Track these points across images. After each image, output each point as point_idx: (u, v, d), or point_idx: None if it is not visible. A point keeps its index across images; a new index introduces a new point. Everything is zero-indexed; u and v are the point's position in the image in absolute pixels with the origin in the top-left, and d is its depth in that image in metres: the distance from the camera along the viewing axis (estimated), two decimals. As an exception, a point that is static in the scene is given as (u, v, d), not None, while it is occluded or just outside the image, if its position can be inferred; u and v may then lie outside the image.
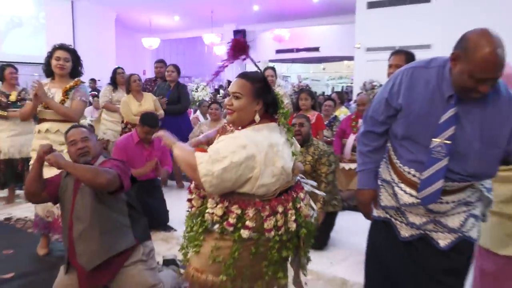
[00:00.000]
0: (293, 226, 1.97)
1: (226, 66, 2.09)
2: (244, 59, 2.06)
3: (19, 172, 4.99)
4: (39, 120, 3.53)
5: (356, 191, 2.19)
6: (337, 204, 3.84)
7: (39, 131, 3.48)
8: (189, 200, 2.13)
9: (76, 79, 3.59)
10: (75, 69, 3.58)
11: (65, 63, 3.46)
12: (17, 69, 5.24)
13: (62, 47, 3.49)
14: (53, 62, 3.43)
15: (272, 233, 1.92)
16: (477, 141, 1.73)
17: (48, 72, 3.53)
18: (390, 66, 3.10)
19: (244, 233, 1.89)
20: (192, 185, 2.12)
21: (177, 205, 4.95)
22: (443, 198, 1.85)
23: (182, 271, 3.23)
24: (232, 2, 12.48)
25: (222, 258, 1.94)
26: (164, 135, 2.07)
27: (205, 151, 1.88)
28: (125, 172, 2.59)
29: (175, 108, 5.79)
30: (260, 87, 1.98)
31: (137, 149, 4.19)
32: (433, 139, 1.77)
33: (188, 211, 2.21)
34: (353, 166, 4.99)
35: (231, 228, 1.91)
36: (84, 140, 2.65)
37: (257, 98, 1.97)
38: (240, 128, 2.01)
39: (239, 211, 1.91)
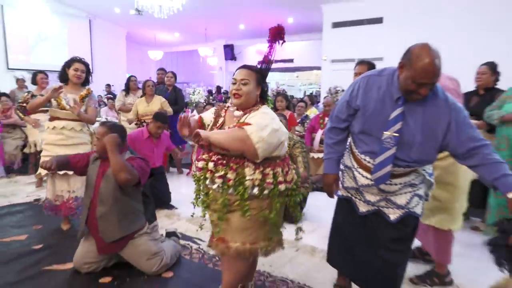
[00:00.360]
0: (295, 177, 2.05)
1: (271, 50, 2.12)
2: (282, 43, 2.08)
3: None
4: (52, 118, 3.43)
5: (322, 175, 2.21)
6: (308, 186, 3.87)
7: (54, 128, 3.40)
8: (221, 177, 1.92)
9: (87, 88, 3.55)
10: (86, 78, 3.55)
11: (82, 74, 3.45)
12: (48, 75, 5.14)
13: (80, 60, 3.47)
14: (71, 71, 3.40)
15: (292, 183, 2.01)
16: (419, 134, 1.78)
17: (63, 78, 3.46)
18: (355, 74, 3.09)
19: (282, 187, 1.95)
20: (211, 165, 1.97)
21: (178, 187, 4.95)
22: (392, 180, 1.89)
23: (181, 242, 3.24)
24: (222, 22, 12.40)
25: (266, 213, 1.97)
26: (200, 132, 1.91)
27: (247, 124, 1.88)
28: (145, 171, 2.64)
29: (174, 109, 5.78)
30: (260, 76, 2.02)
31: (146, 142, 4.18)
32: (384, 132, 1.81)
33: (197, 194, 2.11)
34: (320, 155, 5.02)
35: (271, 186, 1.93)
36: (97, 139, 2.68)
37: (258, 84, 2.01)
38: (242, 110, 2.01)
39: (271, 172, 1.93)
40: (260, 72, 2.04)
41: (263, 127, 1.85)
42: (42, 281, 2.58)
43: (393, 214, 1.97)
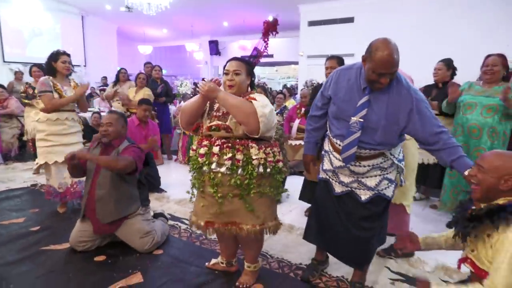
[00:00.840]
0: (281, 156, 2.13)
1: (266, 42, 2.20)
2: (275, 34, 2.14)
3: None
4: (53, 110, 3.30)
5: (302, 155, 2.32)
6: (286, 170, 3.87)
7: (57, 119, 3.31)
8: (230, 158, 1.90)
9: (73, 79, 3.52)
10: None
11: (69, 65, 3.37)
12: (42, 67, 4.86)
13: (64, 53, 3.38)
14: (60, 64, 3.31)
15: (283, 162, 2.11)
16: (383, 119, 1.83)
17: (51, 72, 3.35)
18: (326, 68, 3.11)
19: (280, 164, 2.05)
20: (216, 149, 1.93)
21: (167, 172, 4.91)
22: (361, 162, 1.94)
23: (170, 222, 3.22)
24: (207, 19, 12.18)
25: (268, 189, 2.04)
26: (211, 85, 1.88)
27: (253, 99, 1.91)
28: (140, 158, 2.61)
29: (168, 100, 5.89)
30: (250, 67, 2.04)
31: (137, 129, 4.15)
32: (352, 118, 1.85)
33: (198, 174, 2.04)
34: (297, 142, 5.05)
35: (273, 164, 1.99)
36: (108, 124, 2.64)
37: (248, 75, 2.03)
38: None
39: (271, 152, 2.01)
40: (250, 64, 2.06)
41: (265, 105, 1.88)
42: (40, 260, 2.52)
43: (364, 195, 2.01)
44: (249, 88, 2.09)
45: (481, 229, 1.40)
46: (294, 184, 4.27)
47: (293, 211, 3.58)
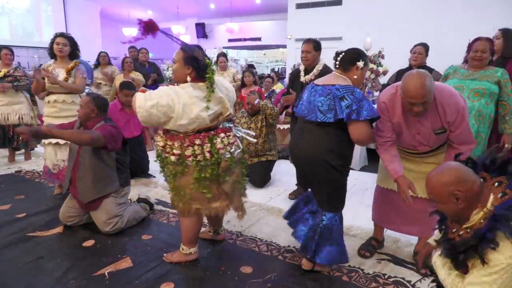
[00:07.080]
0: (207, 155, 2.05)
1: (137, 40, 2.23)
2: (154, 35, 2.15)
3: (10, 136, 4.50)
4: (48, 93, 3.39)
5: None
6: (275, 155, 3.91)
7: (48, 102, 3.38)
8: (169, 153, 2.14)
9: (74, 61, 3.45)
10: (73, 52, 3.45)
11: (63, 47, 3.33)
12: (13, 51, 4.53)
13: (61, 34, 3.38)
14: (54, 46, 3.32)
15: (191, 159, 2.04)
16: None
17: (52, 54, 3.40)
18: (302, 51, 3.14)
19: (172, 158, 2.07)
20: (161, 131, 2.18)
21: (154, 157, 4.86)
22: None
23: (158, 207, 3.22)
24: (194, 1, 11.97)
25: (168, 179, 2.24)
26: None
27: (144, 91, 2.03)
28: (112, 135, 2.61)
29: (159, 79, 5.84)
30: (189, 57, 2.03)
31: (120, 114, 4.02)
32: None
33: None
34: (286, 126, 5.07)
35: (167, 155, 2.11)
36: (80, 107, 2.73)
37: (187, 64, 2.03)
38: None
39: (170, 143, 2.08)
40: (190, 53, 2.04)
41: (150, 98, 1.93)
42: (28, 246, 2.51)
43: None
44: (188, 78, 2.04)
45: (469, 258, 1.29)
46: (282, 168, 4.32)
47: (281, 194, 3.61)
